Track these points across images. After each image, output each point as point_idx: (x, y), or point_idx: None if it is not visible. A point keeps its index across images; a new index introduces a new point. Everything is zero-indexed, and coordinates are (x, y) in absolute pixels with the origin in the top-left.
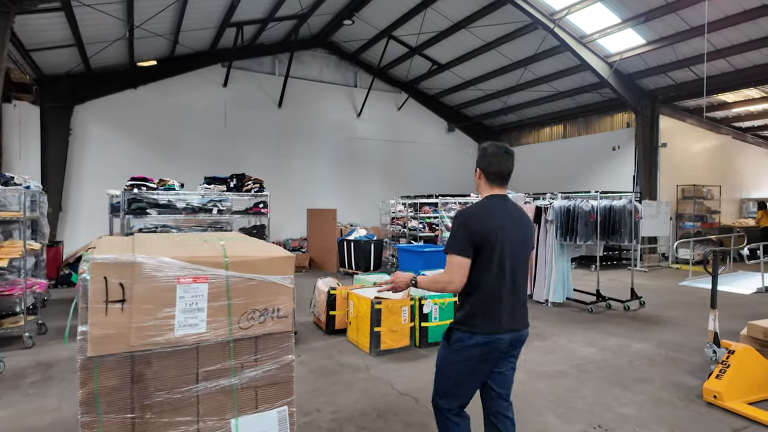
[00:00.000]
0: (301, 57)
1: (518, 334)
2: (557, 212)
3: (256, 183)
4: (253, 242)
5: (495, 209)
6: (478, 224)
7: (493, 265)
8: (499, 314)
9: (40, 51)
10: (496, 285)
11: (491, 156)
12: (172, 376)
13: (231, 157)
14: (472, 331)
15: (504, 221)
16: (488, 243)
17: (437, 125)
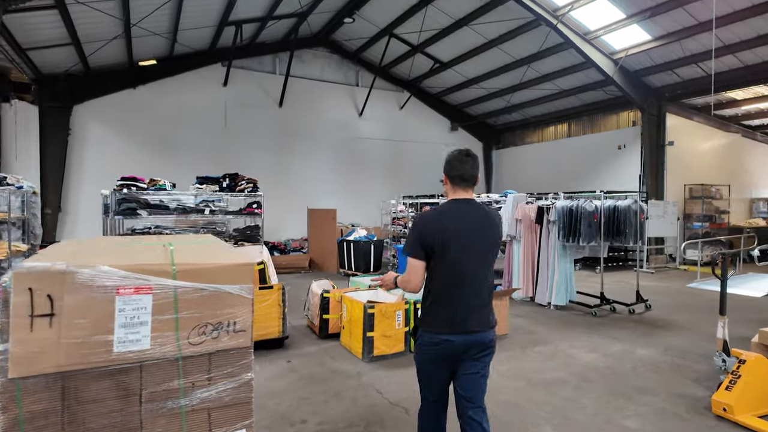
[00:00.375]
0: (302, 56)
1: (476, 336)
2: (559, 212)
3: (250, 183)
4: (213, 247)
5: (453, 213)
6: (430, 228)
7: (446, 267)
8: (450, 316)
9: (36, 50)
10: (449, 287)
11: (453, 161)
12: (111, 399)
13: (231, 156)
14: (425, 329)
15: (461, 224)
16: (440, 246)
17: (440, 124)
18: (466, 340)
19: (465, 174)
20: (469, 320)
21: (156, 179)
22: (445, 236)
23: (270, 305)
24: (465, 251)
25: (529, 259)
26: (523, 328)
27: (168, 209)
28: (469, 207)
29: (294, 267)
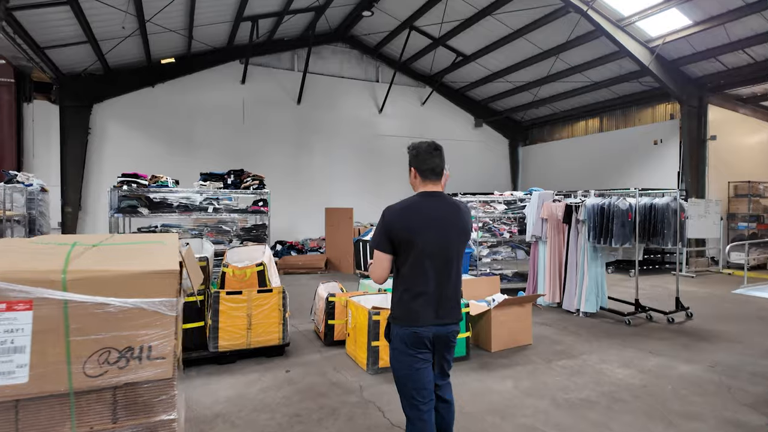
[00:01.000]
0: (321, 52)
1: (447, 328)
2: (590, 211)
3: (256, 179)
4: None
5: (424, 205)
6: (399, 221)
7: (417, 259)
8: (422, 308)
9: (54, 48)
10: (421, 279)
11: (424, 154)
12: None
13: (249, 154)
14: (399, 324)
15: (433, 217)
16: (410, 238)
17: (464, 120)
18: (438, 331)
19: (436, 167)
20: (441, 312)
21: (158, 176)
22: (415, 229)
23: (269, 310)
24: (436, 243)
25: (555, 262)
26: (548, 337)
27: (170, 207)
28: (440, 199)
29: (310, 267)
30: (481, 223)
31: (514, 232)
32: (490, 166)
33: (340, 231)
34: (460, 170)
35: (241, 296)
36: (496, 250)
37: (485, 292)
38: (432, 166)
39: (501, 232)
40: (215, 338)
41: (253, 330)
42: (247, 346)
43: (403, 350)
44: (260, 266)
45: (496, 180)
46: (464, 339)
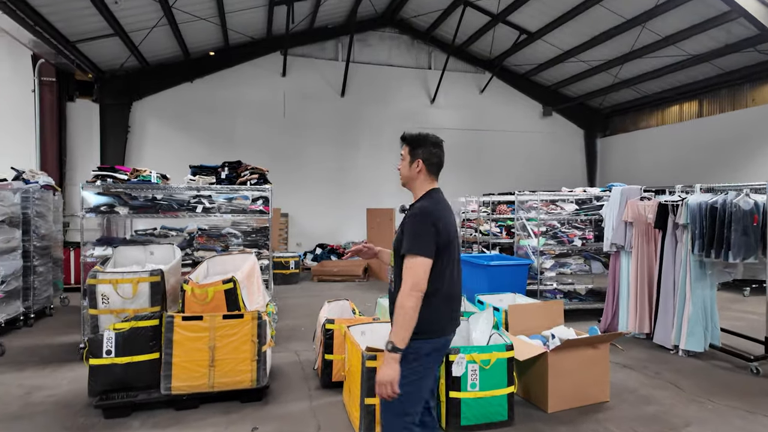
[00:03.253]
0: (367, 39)
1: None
2: (694, 212)
3: (255, 173)
4: None
5: (446, 204)
6: (443, 222)
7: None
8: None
9: (85, 42)
10: (455, 285)
11: (432, 146)
12: None
13: (290, 150)
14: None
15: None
16: (449, 241)
17: (530, 109)
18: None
19: (442, 163)
20: (459, 316)
21: (140, 169)
22: (451, 230)
23: (239, 342)
24: (456, 245)
25: (644, 280)
26: (634, 391)
27: (153, 207)
28: (444, 198)
29: (347, 274)
30: (545, 228)
31: (589, 239)
32: (561, 161)
33: (381, 234)
34: (526, 166)
35: (201, 323)
36: (564, 261)
37: (542, 322)
38: (441, 160)
39: (571, 239)
40: (168, 376)
41: (216, 368)
42: (210, 388)
43: (433, 367)
44: (228, 283)
45: (569, 177)
46: (505, 396)
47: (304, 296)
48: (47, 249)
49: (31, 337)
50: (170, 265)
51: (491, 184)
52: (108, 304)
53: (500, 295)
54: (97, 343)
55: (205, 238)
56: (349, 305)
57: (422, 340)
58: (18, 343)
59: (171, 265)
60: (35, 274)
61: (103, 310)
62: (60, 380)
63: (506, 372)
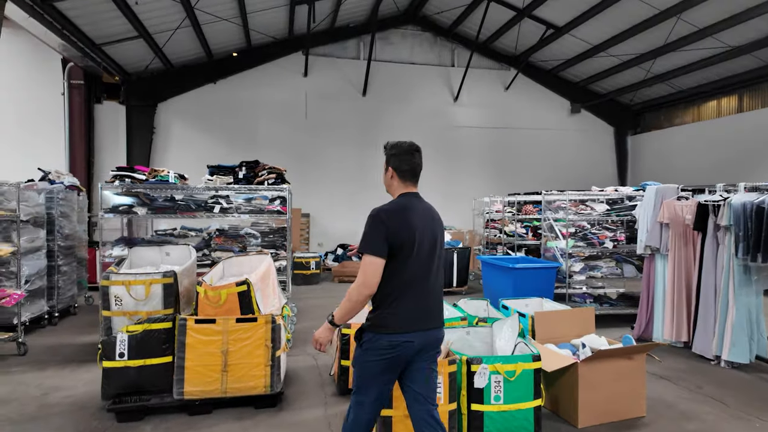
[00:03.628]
0: (389, 37)
1: (433, 332)
2: (738, 213)
3: (272, 173)
4: None
5: (412, 207)
6: (396, 222)
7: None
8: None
9: (110, 45)
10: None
11: (404, 154)
12: None
13: (311, 150)
14: (383, 332)
15: (421, 219)
16: (406, 242)
17: (557, 106)
18: (425, 337)
19: (416, 168)
20: (429, 318)
21: (158, 169)
22: (411, 232)
23: (252, 346)
24: (425, 247)
25: (681, 285)
26: (673, 405)
27: (172, 207)
28: (421, 201)
29: None
30: (573, 229)
31: (620, 240)
32: (590, 160)
33: None
34: (553, 165)
35: (213, 326)
36: (595, 264)
37: (571, 330)
38: (412, 166)
39: (601, 241)
40: (180, 381)
41: (229, 373)
42: (222, 393)
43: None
44: (242, 285)
45: (598, 176)
46: (531, 409)
47: (325, 297)
48: (71, 248)
49: (55, 336)
50: (184, 267)
51: (516, 184)
52: (121, 306)
53: (526, 300)
54: (111, 345)
55: (223, 238)
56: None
57: (379, 333)
58: (42, 341)
59: (185, 267)
60: (59, 274)
61: (116, 311)
62: (77, 381)
63: (533, 384)
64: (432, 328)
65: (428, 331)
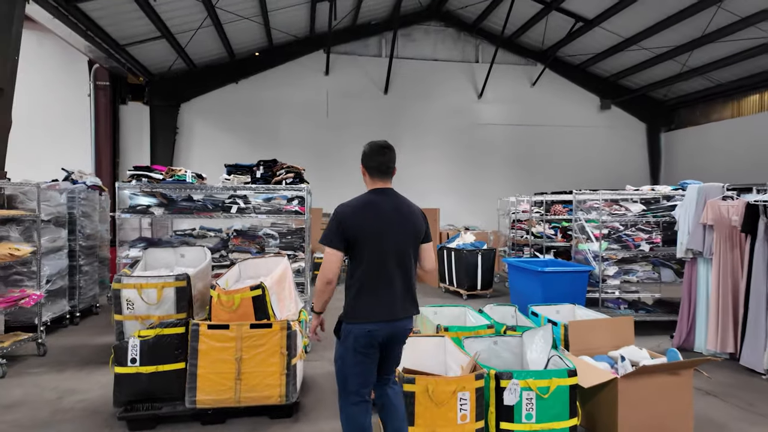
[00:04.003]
0: (411, 34)
1: (400, 323)
2: None
3: (290, 172)
4: None
5: (375, 203)
6: (352, 218)
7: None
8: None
9: (134, 45)
10: (375, 277)
11: (371, 152)
12: None
13: (333, 149)
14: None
15: (384, 213)
16: (363, 236)
17: (586, 102)
18: (392, 328)
19: (381, 165)
20: (393, 309)
21: (175, 169)
22: (371, 227)
23: (267, 353)
24: (389, 240)
25: (727, 291)
26: (723, 425)
27: (189, 207)
28: (389, 197)
29: None
30: (606, 230)
31: (656, 242)
32: (621, 158)
33: None
34: (581, 163)
35: (227, 332)
36: (629, 268)
37: (608, 341)
38: (377, 163)
39: (637, 243)
40: (192, 389)
41: (243, 381)
42: (236, 403)
43: (360, 349)
44: (257, 290)
45: (629, 175)
46: (566, 429)
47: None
48: (93, 248)
49: (76, 336)
50: (198, 269)
51: (543, 183)
52: (133, 310)
53: (557, 306)
54: (123, 350)
55: (240, 239)
56: None
57: (348, 323)
58: (62, 342)
59: (198, 269)
60: (81, 273)
61: (128, 315)
62: (93, 384)
63: (568, 401)
64: (398, 319)
65: (394, 323)
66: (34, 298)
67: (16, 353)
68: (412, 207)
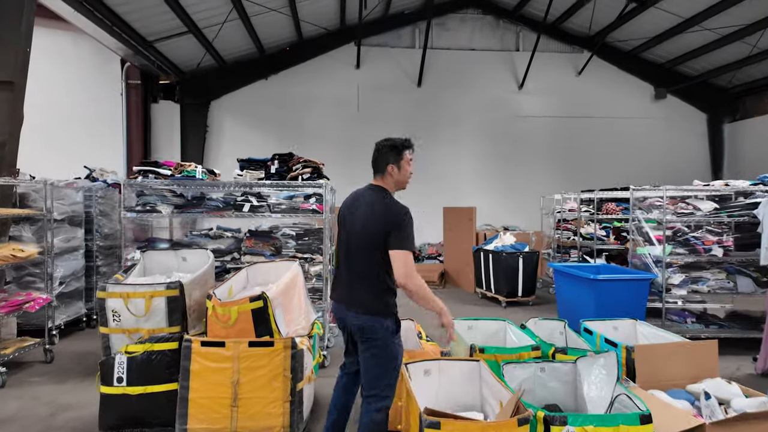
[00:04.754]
0: (446, 23)
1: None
2: None
3: (308, 166)
4: None
5: (354, 196)
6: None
7: (339, 245)
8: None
9: (162, 41)
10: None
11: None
12: None
13: (363, 145)
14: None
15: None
16: (340, 225)
17: (638, 91)
18: (347, 316)
19: (374, 163)
20: (347, 299)
21: (184, 164)
22: (344, 218)
23: (268, 377)
24: (353, 233)
25: None
26: None
27: (198, 205)
28: (367, 191)
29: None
30: (670, 231)
31: (728, 245)
32: (677, 151)
33: (459, 236)
34: (633, 157)
35: (222, 350)
36: (699, 276)
37: (685, 370)
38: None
39: (707, 247)
40: (183, 415)
41: (240, 408)
42: None
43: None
44: (257, 301)
45: (687, 169)
46: None
47: None
48: (112, 248)
49: (89, 340)
50: (195, 275)
51: (590, 180)
52: (119, 322)
53: (614, 322)
54: (109, 367)
55: (253, 240)
56: (415, 327)
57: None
58: (73, 347)
59: (196, 275)
60: (98, 275)
61: (114, 328)
62: (91, 398)
63: None
64: (351, 310)
65: (348, 312)
66: (39, 302)
67: (24, 359)
68: (375, 207)
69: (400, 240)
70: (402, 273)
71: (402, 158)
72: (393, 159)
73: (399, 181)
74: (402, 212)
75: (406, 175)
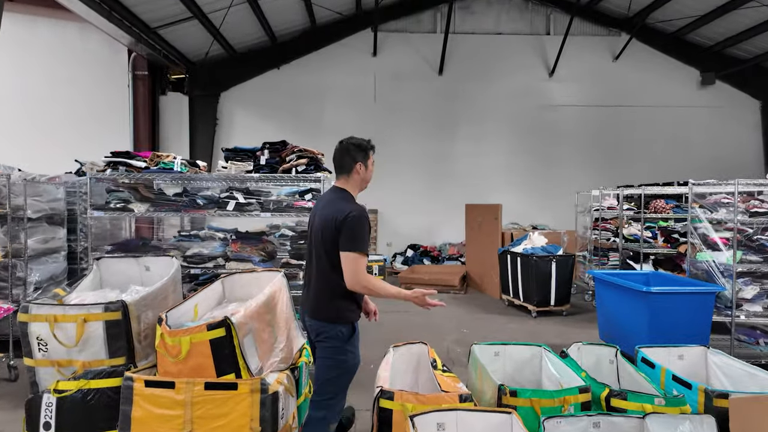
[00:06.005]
0: (470, 6)
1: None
2: None
3: (303, 157)
4: None
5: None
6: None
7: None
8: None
9: (165, 27)
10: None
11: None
12: None
13: (380, 138)
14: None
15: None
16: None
17: (682, 77)
18: (305, 316)
19: (336, 164)
20: (308, 301)
21: (161, 154)
22: (311, 221)
23: (228, 428)
24: (314, 236)
25: None
26: None
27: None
28: (327, 194)
29: (442, 284)
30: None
31: None
32: (728, 143)
33: (483, 236)
34: (678, 150)
35: (172, 393)
36: None
37: None
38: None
39: None
40: None
41: None
42: None
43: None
44: (218, 329)
45: (738, 162)
46: None
47: (388, 310)
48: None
49: None
50: (148, 291)
51: (627, 175)
52: (47, 353)
53: (680, 349)
54: (35, 409)
55: (240, 244)
56: (428, 352)
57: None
58: None
59: (149, 291)
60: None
61: (41, 360)
62: None
63: None
64: (308, 315)
65: (306, 313)
66: (1, 311)
67: None
68: (329, 209)
69: (346, 241)
70: (349, 276)
71: (369, 158)
72: (361, 157)
73: (364, 180)
74: (350, 212)
75: (370, 174)
